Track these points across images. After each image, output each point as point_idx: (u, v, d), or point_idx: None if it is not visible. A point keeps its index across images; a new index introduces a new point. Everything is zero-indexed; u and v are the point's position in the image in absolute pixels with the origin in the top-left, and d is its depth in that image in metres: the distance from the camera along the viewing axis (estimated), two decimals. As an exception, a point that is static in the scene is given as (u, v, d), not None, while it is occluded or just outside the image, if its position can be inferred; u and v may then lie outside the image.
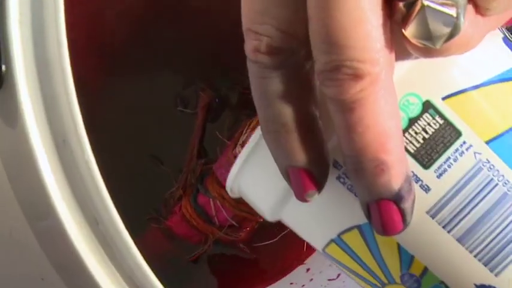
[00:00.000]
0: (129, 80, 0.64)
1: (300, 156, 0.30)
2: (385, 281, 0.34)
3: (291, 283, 0.62)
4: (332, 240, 0.34)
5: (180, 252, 0.63)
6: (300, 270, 0.63)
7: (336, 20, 0.28)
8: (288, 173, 0.31)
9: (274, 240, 0.61)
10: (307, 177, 0.31)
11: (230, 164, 0.60)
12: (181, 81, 0.65)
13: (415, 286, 0.33)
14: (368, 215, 0.30)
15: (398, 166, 0.29)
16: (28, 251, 0.40)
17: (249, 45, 0.30)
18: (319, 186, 0.31)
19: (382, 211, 0.30)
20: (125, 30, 0.64)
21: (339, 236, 0.33)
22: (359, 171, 0.29)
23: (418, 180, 0.31)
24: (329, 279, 0.60)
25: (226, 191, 0.60)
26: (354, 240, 0.33)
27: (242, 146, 0.59)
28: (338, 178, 0.32)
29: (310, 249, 0.63)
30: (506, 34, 0.34)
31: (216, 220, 0.61)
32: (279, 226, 0.62)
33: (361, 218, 0.31)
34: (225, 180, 0.60)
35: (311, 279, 0.61)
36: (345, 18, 0.28)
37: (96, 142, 0.62)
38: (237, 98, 0.65)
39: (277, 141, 0.30)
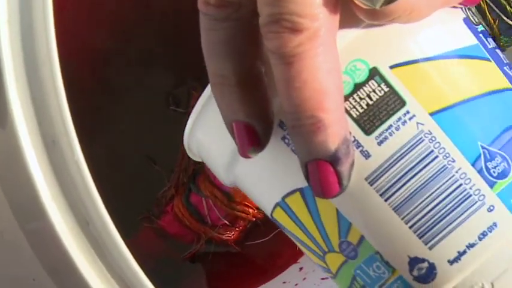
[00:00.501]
0: (121, 79, 0.64)
1: (243, 110, 0.31)
2: (326, 249, 0.34)
3: (284, 282, 0.62)
4: (277, 204, 0.34)
5: (173, 252, 0.63)
6: (293, 269, 0.63)
7: None
8: (232, 127, 0.31)
9: (267, 239, 0.61)
10: (250, 132, 0.31)
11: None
12: (173, 80, 0.65)
13: (352, 255, 0.33)
14: (306, 175, 0.31)
15: (335, 126, 0.30)
16: (19, 252, 0.40)
17: None
18: (261, 143, 0.32)
19: (319, 172, 0.30)
20: (117, 29, 0.64)
21: (283, 199, 0.34)
22: (296, 128, 0.30)
23: (358, 145, 0.32)
24: (322, 278, 0.60)
25: (218, 190, 0.60)
26: (297, 204, 0.33)
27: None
28: (283, 139, 0.32)
29: (303, 248, 0.62)
30: (469, 15, 0.34)
31: (209, 219, 0.61)
32: (272, 225, 0.62)
33: (303, 181, 0.31)
34: (216, 178, 0.60)
35: (304, 278, 0.61)
36: None
37: (88, 142, 0.62)
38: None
39: (222, 94, 0.31)
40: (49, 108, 0.35)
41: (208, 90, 0.33)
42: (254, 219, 0.61)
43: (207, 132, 0.34)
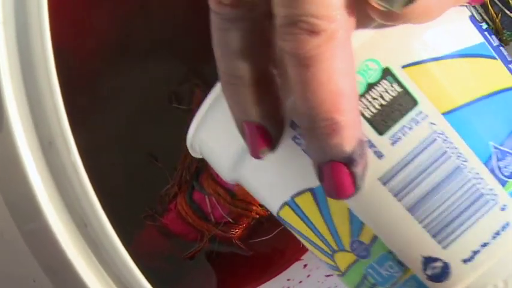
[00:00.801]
0: (123, 77, 0.64)
1: (255, 111, 0.31)
2: (336, 248, 0.34)
3: (288, 279, 0.62)
4: (286, 203, 0.34)
5: (177, 250, 0.63)
6: (297, 266, 0.62)
7: None
8: (244, 128, 0.31)
9: (271, 236, 0.61)
10: (262, 133, 0.31)
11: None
12: (175, 77, 0.65)
13: (363, 254, 0.33)
14: (320, 176, 0.31)
15: (351, 128, 0.29)
16: (19, 253, 0.40)
17: None
18: (273, 143, 0.31)
19: (333, 173, 0.30)
20: (117, 26, 0.64)
21: (292, 198, 0.33)
22: (311, 130, 0.30)
23: (372, 146, 0.31)
24: (326, 275, 0.59)
25: (221, 188, 0.60)
26: (307, 204, 0.33)
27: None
28: (294, 139, 0.32)
29: (307, 245, 0.62)
30: (474, 13, 0.34)
31: (212, 217, 0.61)
32: (275, 222, 0.62)
33: (314, 181, 0.31)
34: (219, 176, 0.60)
35: (308, 275, 0.61)
36: None
37: (90, 140, 0.62)
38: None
39: (234, 94, 0.31)
40: (45, 109, 0.35)
41: (216, 90, 0.33)
42: (257, 216, 0.61)
43: (212, 133, 0.34)
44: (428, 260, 0.32)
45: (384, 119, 0.31)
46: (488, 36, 0.34)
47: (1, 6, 0.35)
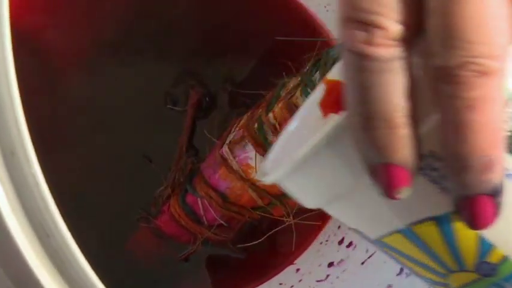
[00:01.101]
0: (119, 78, 0.64)
1: (398, 153, 0.29)
2: (455, 269, 0.33)
3: (280, 283, 0.61)
4: (398, 231, 0.33)
5: (170, 252, 0.62)
6: (289, 270, 0.62)
7: (465, 13, 0.27)
8: (378, 170, 0.29)
9: (264, 239, 0.60)
10: (402, 173, 0.29)
11: (217, 163, 0.59)
12: (171, 78, 0.65)
13: (489, 273, 0.32)
14: (460, 208, 0.30)
15: (501, 161, 0.28)
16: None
17: (353, 36, 0.28)
18: (412, 181, 0.30)
19: (479, 206, 0.29)
20: (112, 28, 0.64)
21: (408, 226, 0.32)
22: (463, 169, 0.28)
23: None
24: (318, 280, 0.59)
25: (213, 191, 0.59)
26: (428, 232, 0.32)
27: (229, 145, 0.58)
28: (419, 170, 0.31)
29: (300, 250, 0.62)
30: None
31: (205, 220, 0.60)
32: (268, 226, 0.61)
33: (439, 209, 0.31)
34: (211, 179, 0.59)
35: (300, 280, 0.60)
36: (474, 12, 0.27)
37: (86, 142, 0.62)
38: (227, 96, 0.64)
39: (373, 138, 0.29)
40: (5, 118, 0.35)
41: (321, 133, 0.30)
42: (250, 219, 0.60)
43: (309, 174, 0.32)
44: None
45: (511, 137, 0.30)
46: None
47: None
